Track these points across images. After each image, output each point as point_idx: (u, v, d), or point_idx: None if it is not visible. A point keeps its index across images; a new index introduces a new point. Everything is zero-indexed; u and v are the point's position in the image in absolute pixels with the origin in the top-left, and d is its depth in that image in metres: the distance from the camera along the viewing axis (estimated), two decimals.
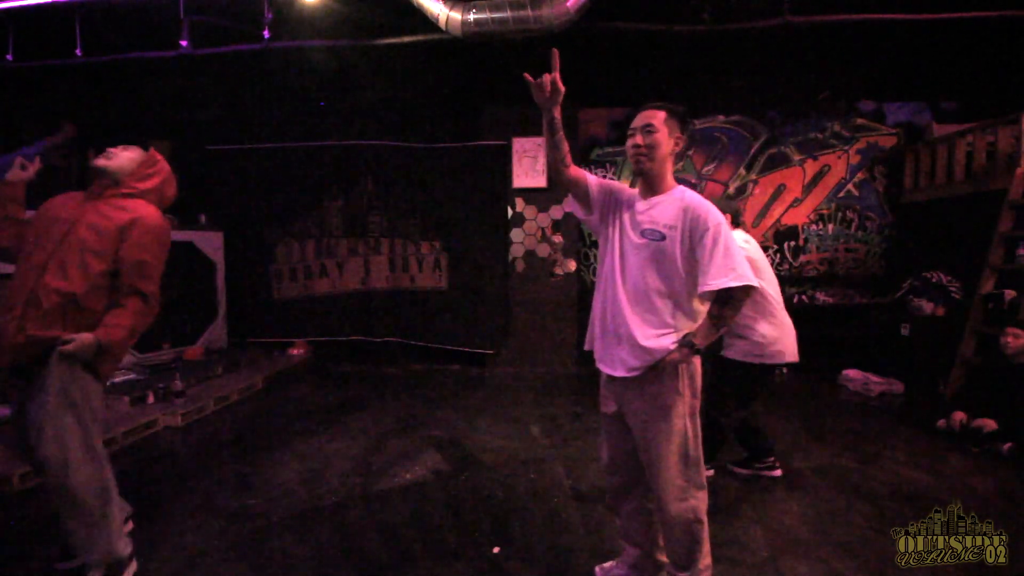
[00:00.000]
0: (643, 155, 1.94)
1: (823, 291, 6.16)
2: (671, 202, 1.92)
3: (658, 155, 1.93)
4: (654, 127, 1.93)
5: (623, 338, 1.92)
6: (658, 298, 1.90)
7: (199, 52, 4.79)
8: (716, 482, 3.26)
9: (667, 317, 1.90)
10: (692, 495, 1.96)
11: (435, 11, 4.45)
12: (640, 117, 1.97)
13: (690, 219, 1.85)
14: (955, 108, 5.97)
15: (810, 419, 4.41)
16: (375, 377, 5.89)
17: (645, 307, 1.91)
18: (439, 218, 6.24)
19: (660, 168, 1.95)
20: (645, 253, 1.91)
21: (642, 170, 1.96)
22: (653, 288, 1.90)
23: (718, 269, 1.79)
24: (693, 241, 1.85)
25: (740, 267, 1.79)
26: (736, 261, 1.79)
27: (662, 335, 1.89)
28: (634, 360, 1.90)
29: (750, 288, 1.79)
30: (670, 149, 1.95)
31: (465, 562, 2.45)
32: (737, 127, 6.24)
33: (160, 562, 2.45)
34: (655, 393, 1.92)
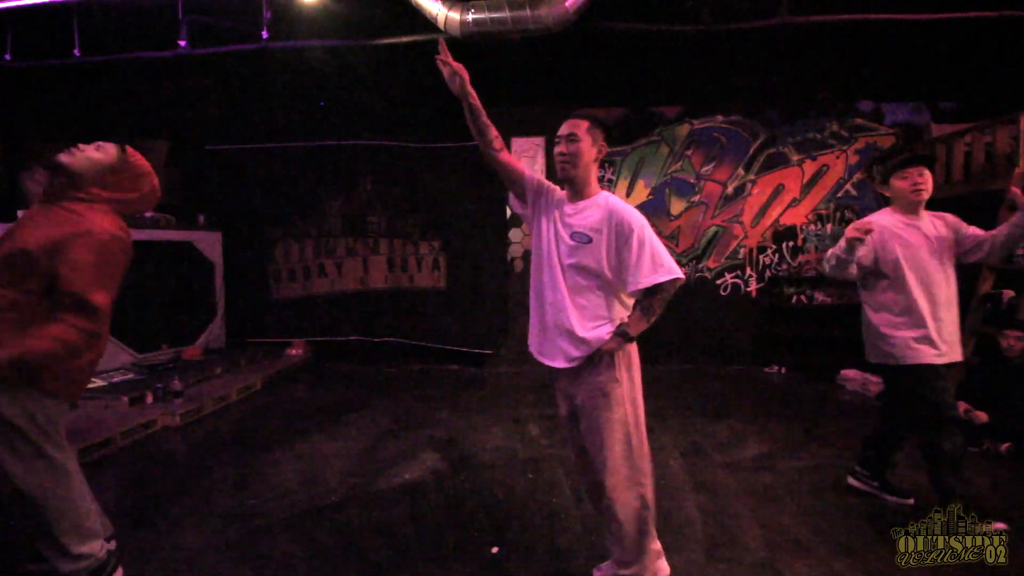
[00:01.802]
0: (567, 163, 2.06)
1: (822, 291, 6.15)
2: (596, 207, 2.04)
3: (581, 163, 2.06)
4: (577, 136, 2.07)
5: (563, 330, 2.04)
6: (591, 293, 2.03)
7: (198, 52, 4.78)
8: (716, 482, 3.26)
9: (602, 309, 2.03)
10: (638, 481, 2.04)
11: (434, 11, 4.45)
12: (564, 126, 2.11)
13: (615, 223, 1.98)
14: (953, 108, 5.98)
15: (809, 419, 4.42)
16: (374, 377, 5.89)
17: (581, 301, 2.04)
18: (438, 218, 6.24)
19: (584, 175, 2.07)
20: (576, 254, 2.03)
21: (567, 177, 2.09)
22: (585, 284, 2.03)
23: (647, 267, 1.93)
24: (619, 243, 1.98)
25: (667, 262, 1.94)
26: (662, 257, 1.94)
27: (598, 326, 2.01)
28: (574, 351, 2.02)
29: (679, 280, 1.94)
30: (593, 157, 2.08)
31: (464, 562, 2.45)
32: (736, 127, 6.25)
33: (160, 562, 2.44)
34: (595, 382, 2.02)
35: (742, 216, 6.28)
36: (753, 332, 6.28)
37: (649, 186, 6.34)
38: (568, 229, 2.06)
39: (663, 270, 1.92)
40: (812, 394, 5.19)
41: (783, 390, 5.38)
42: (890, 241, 2.71)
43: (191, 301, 6.07)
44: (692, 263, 6.37)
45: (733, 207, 6.28)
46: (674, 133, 6.30)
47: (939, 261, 2.67)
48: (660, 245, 1.97)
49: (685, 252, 6.36)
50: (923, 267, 2.65)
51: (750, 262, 6.31)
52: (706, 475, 3.35)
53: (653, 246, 1.95)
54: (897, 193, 2.76)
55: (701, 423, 4.33)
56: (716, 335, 6.33)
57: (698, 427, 4.23)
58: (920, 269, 2.65)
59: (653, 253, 1.94)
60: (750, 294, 6.32)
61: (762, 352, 6.22)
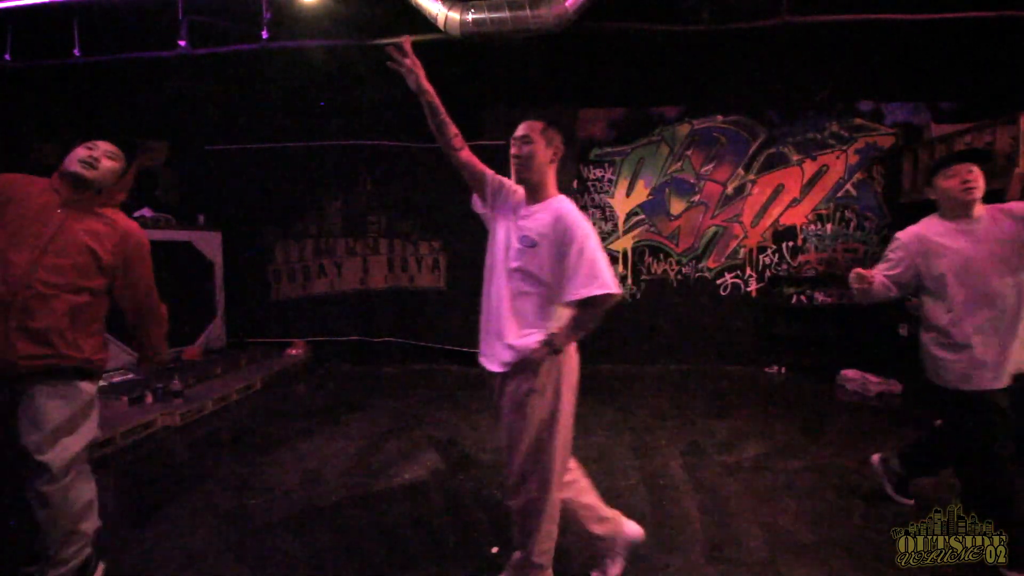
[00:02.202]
0: (521, 165, 2.05)
1: (821, 291, 6.16)
2: (546, 212, 2.01)
3: (535, 165, 2.04)
4: (530, 138, 2.04)
5: (498, 334, 2.03)
6: (531, 299, 2.01)
7: (198, 52, 4.78)
8: (716, 481, 3.26)
9: (536, 318, 2.01)
10: (528, 490, 2.03)
11: (433, 11, 4.45)
12: (519, 128, 2.09)
13: (560, 230, 1.95)
14: (953, 108, 5.98)
15: (809, 419, 4.42)
16: (374, 377, 5.89)
17: (520, 306, 2.02)
18: (438, 218, 6.24)
19: (538, 177, 2.06)
20: (521, 258, 2.01)
21: (521, 179, 2.08)
22: (524, 290, 2.01)
23: (583, 279, 1.89)
24: (561, 251, 1.94)
25: (603, 276, 1.89)
26: (600, 270, 1.89)
27: (529, 334, 1.99)
28: (506, 355, 2.00)
29: (613, 295, 1.90)
30: (547, 159, 2.07)
31: (464, 562, 2.45)
32: (736, 127, 6.25)
33: (160, 562, 2.44)
34: (518, 388, 2.01)
35: (742, 216, 6.28)
36: (753, 332, 6.28)
37: (649, 186, 6.34)
38: (518, 232, 2.04)
39: (597, 284, 1.88)
40: (812, 394, 5.19)
41: (783, 390, 5.38)
42: (933, 254, 2.36)
43: (191, 301, 6.07)
44: (692, 263, 6.37)
45: (733, 207, 6.28)
46: (674, 133, 6.30)
47: (1002, 268, 2.26)
48: (602, 258, 1.93)
49: (685, 252, 6.37)
50: (979, 279, 2.28)
51: (750, 262, 6.31)
52: (706, 475, 3.35)
53: (593, 258, 1.90)
54: (944, 195, 2.39)
55: (701, 423, 4.33)
56: (716, 335, 6.34)
57: (698, 427, 4.23)
58: (974, 282, 2.28)
59: (592, 265, 1.89)
60: (750, 294, 6.32)
61: (762, 352, 6.22)
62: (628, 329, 6.42)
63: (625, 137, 6.34)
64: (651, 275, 6.42)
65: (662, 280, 6.41)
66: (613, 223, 6.42)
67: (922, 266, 2.40)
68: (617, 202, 6.40)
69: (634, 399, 5.02)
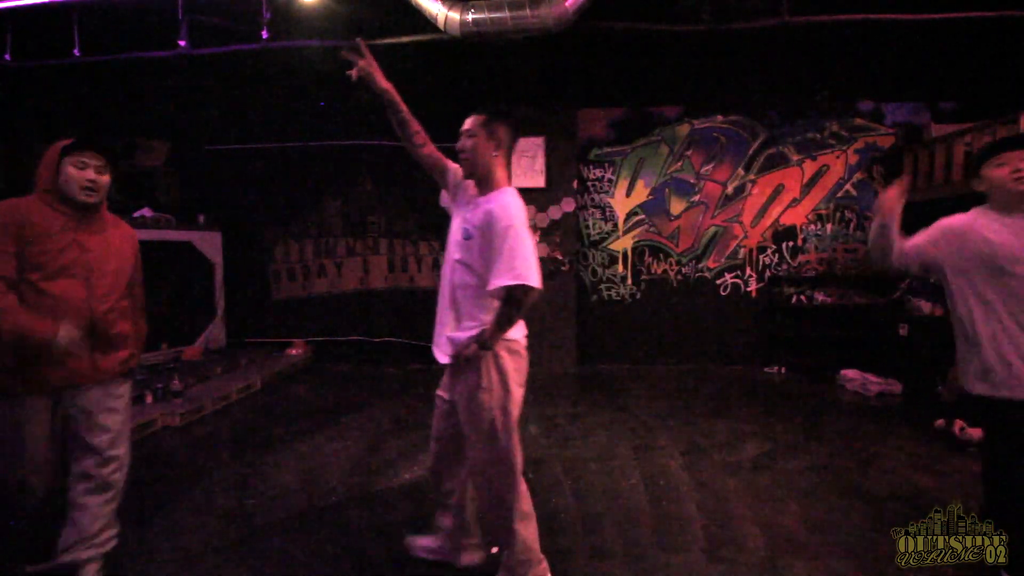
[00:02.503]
0: (465, 159, 2.07)
1: (821, 291, 6.16)
2: (487, 204, 2.00)
3: (478, 158, 2.04)
4: (472, 131, 2.06)
5: (442, 326, 2.08)
6: (470, 292, 2.00)
7: (198, 52, 4.78)
8: (716, 481, 3.26)
9: (474, 311, 2.00)
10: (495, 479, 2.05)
11: (433, 11, 4.45)
12: (465, 122, 2.10)
13: (490, 221, 1.93)
14: (953, 108, 5.98)
15: (809, 419, 4.42)
16: (374, 377, 5.89)
17: (457, 299, 2.04)
18: (438, 218, 6.23)
19: (484, 170, 2.06)
20: (460, 249, 2.03)
21: (468, 173, 2.09)
22: (463, 282, 2.02)
23: (500, 269, 1.87)
24: (488, 242, 1.93)
25: (520, 267, 1.85)
26: (518, 262, 1.85)
27: (466, 328, 2.00)
28: (448, 348, 2.03)
29: (530, 289, 1.86)
30: (491, 151, 2.05)
31: None
32: (736, 127, 6.25)
33: (160, 562, 2.44)
34: (467, 383, 2.01)
35: (742, 216, 6.28)
36: (753, 332, 6.28)
37: (649, 186, 6.34)
38: (462, 224, 2.05)
39: (511, 275, 1.84)
40: (812, 394, 5.19)
41: (783, 390, 5.38)
42: (970, 246, 2.12)
43: (191, 301, 6.07)
44: (692, 263, 6.37)
45: (733, 207, 6.28)
46: (674, 133, 6.30)
47: None
48: (524, 250, 1.88)
49: (685, 252, 6.37)
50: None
51: (750, 262, 6.31)
52: (706, 475, 3.35)
53: (513, 249, 1.86)
54: (993, 184, 2.11)
55: (701, 423, 4.33)
56: (716, 335, 6.34)
57: (698, 427, 4.23)
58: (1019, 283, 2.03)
59: (511, 256, 1.86)
60: (750, 294, 6.32)
61: (762, 352, 6.22)
62: (628, 329, 6.42)
63: (625, 137, 6.34)
64: (651, 275, 6.42)
65: (662, 280, 6.41)
66: (613, 223, 6.42)
67: (957, 258, 2.16)
68: (617, 202, 6.40)
69: (634, 399, 5.02)
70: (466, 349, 1.95)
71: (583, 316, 6.31)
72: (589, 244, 6.46)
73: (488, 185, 2.07)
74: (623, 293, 6.44)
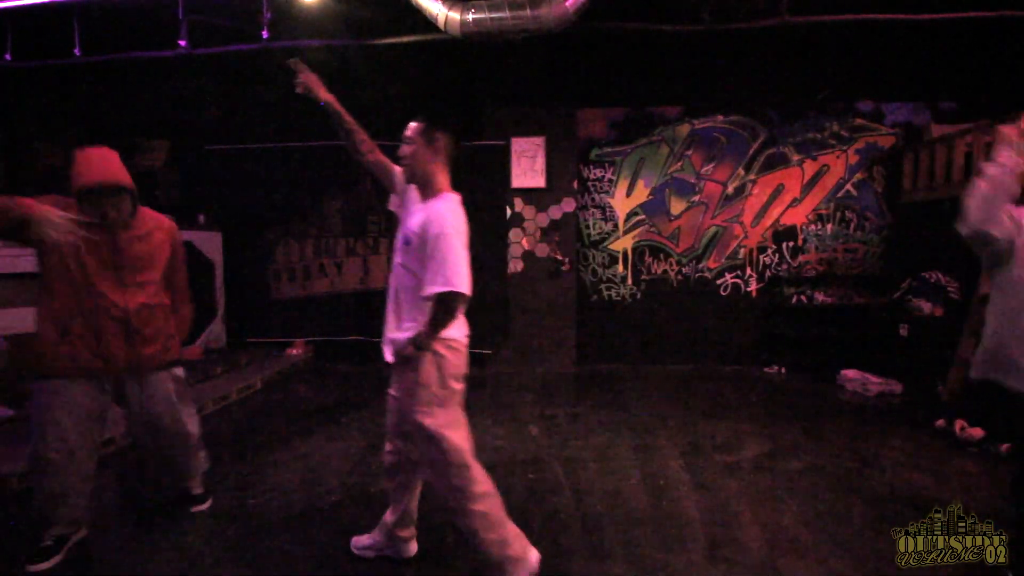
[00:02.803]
0: (405, 165, 2.15)
1: (822, 291, 6.16)
2: (426, 211, 2.07)
3: (417, 164, 2.12)
4: (410, 138, 2.14)
5: (386, 327, 2.18)
6: (412, 295, 2.09)
7: (198, 52, 4.78)
8: (716, 482, 3.26)
9: (414, 312, 2.09)
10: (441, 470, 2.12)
11: (434, 11, 4.45)
12: (407, 128, 2.17)
13: (426, 228, 2.01)
14: (954, 108, 5.98)
15: (809, 419, 4.42)
16: (374, 377, 5.88)
17: (402, 301, 2.14)
18: None
19: (423, 176, 2.14)
20: (402, 253, 2.12)
21: (409, 178, 2.18)
22: (404, 285, 2.12)
23: (431, 275, 1.96)
24: (424, 247, 2.01)
25: (450, 274, 1.93)
26: (448, 268, 1.93)
27: (406, 329, 2.10)
28: (391, 347, 2.14)
29: (459, 294, 1.95)
30: (429, 158, 2.12)
31: (464, 561, 2.45)
32: (736, 127, 6.25)
33: (160, 562, 2.44)
34: (407, 380, 2.12)
35: (742, 216, 6.28)
36: (753, 332, 6.28)
37: (649, 186, 6.34)
38: (404, 229, 2.15)
39: (438, 282, 1.93)
40: (812, 394, 5.19)
41: (783, 390, 5.38)
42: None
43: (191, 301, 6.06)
44: (692, 263, 6.37)
45: (733, 207, 6.28)
46: (674, 133, 6.30)
47: None
48: (455, 257, 1.95)
49: (685, 252, 6.37)
50: None
51: (750, 262, 6.31)
52: (706, 475, 3.35)
53: (445, 256, 1.94)
54: None
55: (701, 423, 4.33)
56: (716, 335, 6.34)
57: (698, 427, 4.23)
58: None
59: (442, 263, 1.94)
60: (750, 294, 6.32)
61: (762, 352, 6.22)
62: (628, 329, 6.42)
63: (625, 137, 6.34)
64: (651, 275, 6.42)
65: (662, 280, 6.41)
66: (613, 223, 6.42)
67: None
68: (617, 202, 6.40)
69: (634, 399, 5.02)
70: (404, 349, 2.06)
71: (583, 316, 6.31)
72: (589, 244, 6.46)
73: (429, 190, 2.14)
74: (623, 293, 6.44)
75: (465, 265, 1.98)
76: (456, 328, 2.12)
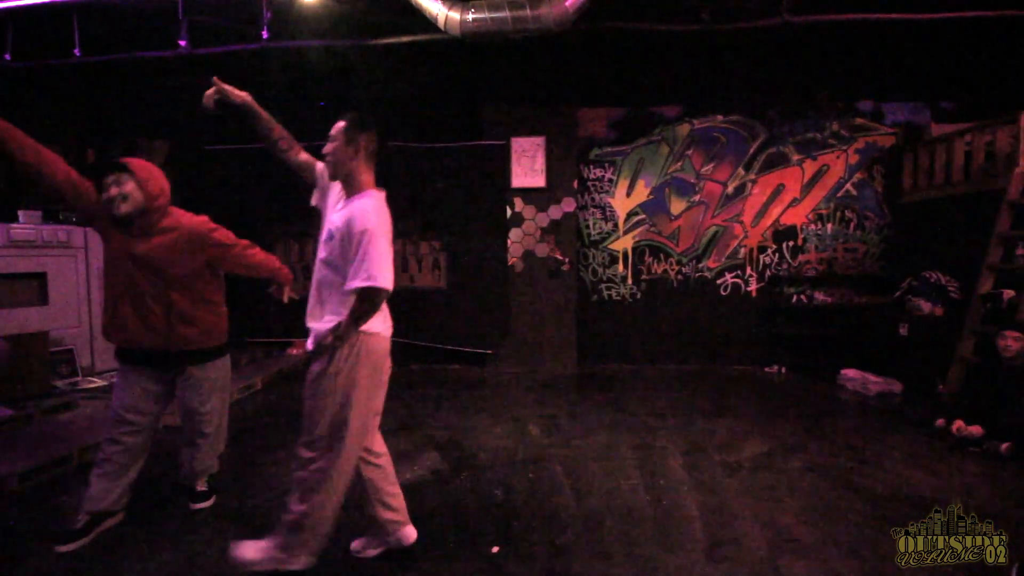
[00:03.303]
0: (329, 161, 2.18)
1: (822, 291, 6.16)
2: (349, 207, 2.12)
3: (338, 161, 2.15)
4: (333, 136, 2.17)
5: (310, 318, 2.19)
6: (334, 288, 2.13)
7: (198, 52, 4.79)
8: (716, 481, 3.26)
9: (336, 306, 2.12)
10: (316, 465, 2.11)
11: (434, 11, 4.45)
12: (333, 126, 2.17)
13: (349, 225, 2.04)
14: (954, 108, 5.98)
15: (809, 419, 4.42)
16: None
17: (324, 294, 2.17)
18: (438, 218, 6.24)
19: (345, 173, 2.17)
20: (325, 249, 2.16)
21: (332, 174, 2.21)
22: (327, 279, 2.15)
23: (354, 272, 2.00)
24: (347, 243, 2.04)
25: (373, 270, 1.98)
26: (371, 264, 1.98)
27: (328, 321, 2.12)
28: (313, 337, 2.15)
29: (380, 289, 2.00)
30: (349, 157, 2.15)
31: (465, 562, 2.45)
32: (736, 127, 6.25)
33: (160, 562, 2.44)
34: (315, 370, 2.13)
35: (742, 216, 6.28)
36: (753, 332, 6.28)
37: (649, 186, 6.35)
38: (328, 224, 2.19)
39: (361, 277, 1.98)
40: (812, 394, 5.19)
41: (783, 390, 5.38)
42: None
43: None
44: (692, 263, 6.37)
45: (733, 207, 6.28)
46: (674, 133, 6.30)
47: None
48: (378, 253, 1.99)
49: (685, 252, 6.37)
50: None
51: (750, 262, 6.31)
52: (706, 475, 3.35)
53: (368, 253, 1.98)
54: None
55: (701, 423, 4.33)
56: (716, 335, 6.34)
57: (698, 427, 4.23)
58: None
59: (366, 259, 1.98)
60: (750, 294, 6.32)
61: (762, 352, 6.23)
62: (628, 329, 6.42)
63: (625, 137, 6.34)
64: (651, 275, 6.42)
65: (662, 280, 6.41)
66: (613, 223, 6.42)
67: None
68: (617, 202, 6.40)
69: (634, 399, 5.02)
70: (325, 339, 2.07)
71: (583, 316, 6.31)
72: (589, 244, 6.46)
73: (352, 188, 2.17)
74: (623, 293, 6.44)
75: (388, 261, 2.04)
76: (379, 321, 2.16)
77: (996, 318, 4.35)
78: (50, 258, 4.79)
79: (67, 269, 4.92)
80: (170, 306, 2.66)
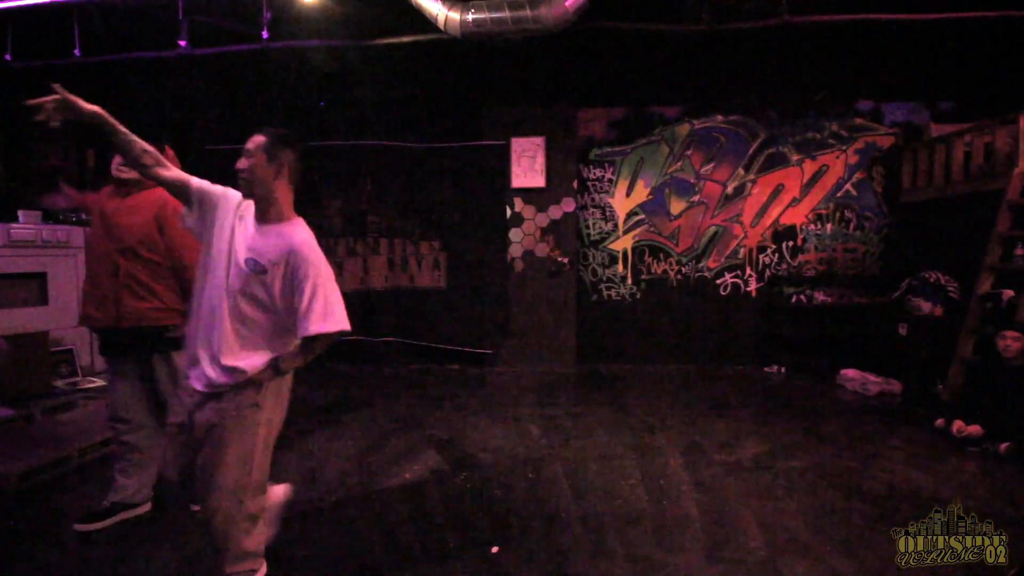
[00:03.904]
0: (242, 179, 1.95)
1: (821, 291, 6.16)
2: (280, 238, 1.91)
3: (256, 180, 1.92)
4: (250, 151, 1.93)
5: (211, 356, 1.91)
6: (256, 324, 1.94)
7: (198, 52, 4.78)
8: (716, 481, 3.27)
9: (263, 341, 1.96)
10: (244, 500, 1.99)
11: (434, 11, 4.45)
12: (248, 141, 1.97)
13: (293, 264, 1.88)
14: (953, 108, 5.98)
15: (808, 419, 4.42)
16: (374, 377, 5.89)
17: (244, 331, 1.93)
18: (438, 218, 6.24)
19: (265, 195, 1.94)
20: (248, 282, 1.90)
21: (247, 193, 1.97)
22: (252, 315, 1.93)
23: (317, 316, 1.86)
24: (292, 285, 1.89)
25: (338, 313, 1.91)
26: (333, 308, 1.90)
27: (253, 356, 1.94)
28: (220, 378, 1.90)
29: (344, 332, 1.93)
30: (270, 176, 1.93)
31: (464, 562, 2.45)
32: (735, 127, 6.25)
33: (160, 562, 2.44)
34: (234, 405, 1.93)
35: (742, 216, 6.28)
36: (753, 332, 6.28)
37: (649, 186, 6.35)
38: (245, 253, 1.91)
39: (331, 321, 1.88)
40: (812, 394, 5.19)
41: (783, 390, 5.38)
42: None
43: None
44: (692, 263, 6.37)
45: (733, 207, 6.29)
46: (674, 133, 6.30)
47: None
48: (334, 293, 1.92)
49: (685, 252, 6.37)
50: None
51: (750, 262, 6.31)
52: (706, 475, 3.36)
53: (327, 295, 1.89)
54: None
55: (701, 423, 4.33)
56: (716, 335, 6.34)
57: (698, 427, 4.24)
58: None
59: (326, 302, 1.88)
60: (750, 294, 6.32)
61: (762, 352, 6.23)
62: (628, 329, 6.42)
63: (625, 137, 6.34)
64: (651, 275, 6.42)
65: (662, 280, 6.41)
66: (613, 223, 6.42)
67: None
68: (617, 202, 6.40)
69: (634, 399, 5.02)
70: (260, 375, 1.94)
71: (583, 316, 6.31)
72: (589, 244, 6.46)
73: (271, 211, 1.96)
74: (623, 293, 6.44)
75: (341, 299, 1.95)
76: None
77: (996, 318, 4.35)
78: (50, 258, 4.79)
79: (67, 269, 4.91)
80: (116, 270, 2.58)
